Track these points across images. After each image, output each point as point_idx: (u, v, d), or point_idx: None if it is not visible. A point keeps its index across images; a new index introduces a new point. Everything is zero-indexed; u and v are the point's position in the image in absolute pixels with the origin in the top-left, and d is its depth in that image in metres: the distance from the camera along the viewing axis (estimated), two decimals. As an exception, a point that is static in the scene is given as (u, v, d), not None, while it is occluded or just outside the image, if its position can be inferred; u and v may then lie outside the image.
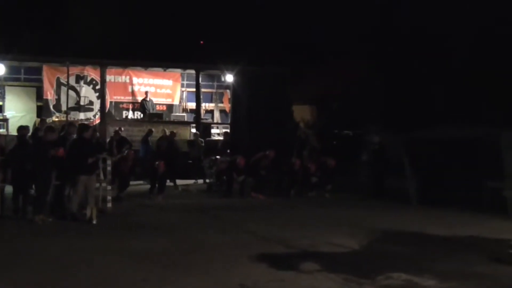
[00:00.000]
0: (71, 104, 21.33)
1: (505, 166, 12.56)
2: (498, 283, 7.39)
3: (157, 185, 14.65)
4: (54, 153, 10.81)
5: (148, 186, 15.11)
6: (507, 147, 13.02)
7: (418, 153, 14.90)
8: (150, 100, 22.08)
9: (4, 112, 21.12)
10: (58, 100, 21.68)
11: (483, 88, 19.78)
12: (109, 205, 12.47)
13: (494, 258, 8.41)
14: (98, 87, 22.10)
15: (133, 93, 22.86)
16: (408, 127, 16.76)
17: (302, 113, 22.44)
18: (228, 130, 20.59)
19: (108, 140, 17.81)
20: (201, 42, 24.93)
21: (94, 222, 10.79)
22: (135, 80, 22.94)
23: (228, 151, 17.66)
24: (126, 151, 15.25)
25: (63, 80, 21.32)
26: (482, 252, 8.76)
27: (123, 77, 22.88)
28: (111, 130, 19.00)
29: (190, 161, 18.96)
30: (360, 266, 7.94)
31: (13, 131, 16.49)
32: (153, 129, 18.88)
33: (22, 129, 12.26)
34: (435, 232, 10.57)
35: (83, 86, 22.13)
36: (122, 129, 18.67)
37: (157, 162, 14.59)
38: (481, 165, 13.19)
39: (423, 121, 17.54)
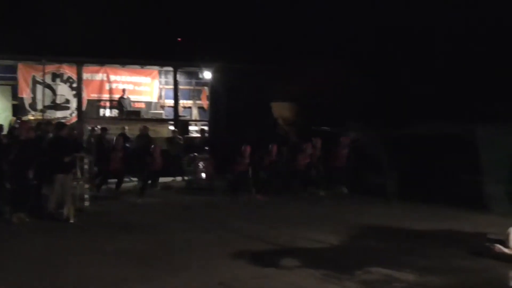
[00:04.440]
0: (47, 102, 21.19)
1: (482, 161, 12.69)
2: (476, 276, 7.48)
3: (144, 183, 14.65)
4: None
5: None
6: (482, 143, 13.19)
7: (397, 149, 14.98)
8: (128, 97, 21.95)
9: (-21, 111, 20.87)
10: (34, 98, 21.44)
11: (460, 85, 19.97)
12: (87, 203, 12.38)
13: (472, 252, 8.50)
14: (74, 85, 21.91)
15: (110, 91, 22.66)
16: (387, 124, 16.85)
17: (281, 110, 22.45)
18: (205, 127, 20.54)
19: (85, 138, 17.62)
20: (179, 39, 24.77)
21: (72, 221, 10.71)
22: (112, 77, 22.77)
23: (206, 148, 17.62)
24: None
25: (39, 78, 21.11)
26: (460, 246, 8.87)
27: (100, 74, 22.68)
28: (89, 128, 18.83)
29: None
30: (340, 261, 8.00)
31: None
32: (126, 127, 18.70)
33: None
34: (414, 226, 10.67)
35: (59, 84, 21.91)
36: (99, 127, 18.53)
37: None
38: (459, 161, 13.28)
39: (402, 118, 17.64)
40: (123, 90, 22.08)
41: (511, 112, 16.14)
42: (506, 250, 8.22)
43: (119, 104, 21.98)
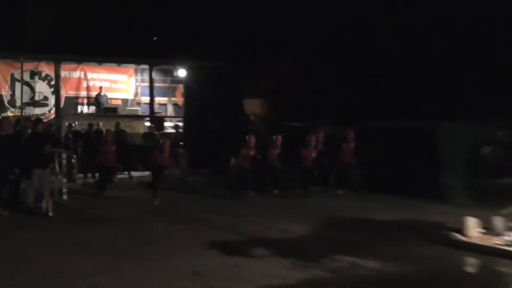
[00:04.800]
0: (26, 99, 20.95)
1: (441, 155, 12.90)
2: (434, 262, 7.66)
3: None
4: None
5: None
6: (442, 138, 13.42)
7: (365, 144, 15.14)
8: (105, 94, 21.87)
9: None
10: (12, 95, 21.22)
11: (423, 82, 20.26)
12: (65, 197, 12.33)
13: (431, 240, 8.68)
14: (52, 82, 21.71)
15: (87, 88, 22.50)
16: (355, 119, 17.00)
17: (253, 106, 22.50)
18: (180, 123, 20.55)
19: (63, 134, 17.54)
20: (155, 38, 24.70)
21: (50, 214, 10.66)
22: (89, 75, 22.58)
23: (181, 143, 17.63)
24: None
25: (17, 76, 20.86)
26: (419, 234, 9.05)
27: (78, 72, 22.49)
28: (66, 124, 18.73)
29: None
30: (308, 250, 8.11)
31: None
32: (100, 123, 18.64)
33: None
34: (379, 217, 10.84)
35: (37, 82, 21.68)
36: (76, 123, 18.45)
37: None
38: (423, 155, 13.45)
39: (369, 113, 17.81)
40: (100, 88, 22.00)
41: (469, 110, 16.51)
42: (461, 238, 8.43)
43: (96, 101, 21.88)
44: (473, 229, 8.62)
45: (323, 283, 6.65)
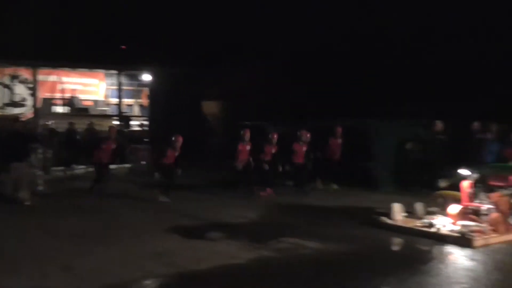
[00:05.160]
0: (6, 100, 20.61)
1: (373, 150, 13.12)
2: (365, 242, 7.81)
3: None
4: None
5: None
6: (374, 135, 13.67)
7: (312, 140, 15.25)
8: (77, 96, 21.56)
9: None
10: (-6, 97, 20.75)
11: (362, 87, 20.68)
12: (41, 188, 12.06)
13: (363, 223, 8.82)
14: (30, 85, 21.28)
15: (62, 91, 22.09)
16: (303, 118, 17.13)
17: (210, 108, 22.50)
18: (145, 122, 20.40)
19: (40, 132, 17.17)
20: (123, 47, 24.38)
21: (27, 203, 10.44)
22: (64, 79, 22.17)
23: (146, 140, 17.49)
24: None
25: (-1, 79, 20.45)
26: (354, 218, 9.17)
27: (53, 76, 22.07)
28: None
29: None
30: (257, 233, 8.13)
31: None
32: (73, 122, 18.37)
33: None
34: (320, 204, 10.96)
35: (16, 85, 21.19)
36: (51, 122, 18.11)
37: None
38: (359, 149, 13.56)
39: (315, 113, 17.99)
40: (73, 90, 21.70)
41: (397, 112, 16.89)
42: (388, 221, 8.60)
43: (70, 102, 21.54)
44: (398, 213, 8.80)
45: (269, 262, 6.70)
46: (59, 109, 21.98)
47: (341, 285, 5.88)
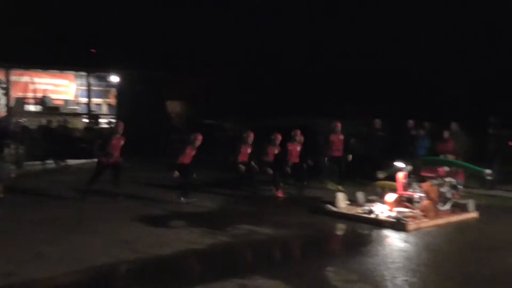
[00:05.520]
0: (-20, 100, 19.85)
1: (319, 146, 13.20)
2: (313, 227, 7.89)
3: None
4: None
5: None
6: (319, 132, 13.82)
7: (262, 136, 15.26)
8: (49, 96, 20.98)
9: None
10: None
11: (308, 90, 20.97)
12: (14, 180, 11.68)
13: (311, 211, 8.91)
14: (4, 85, 20.64)
15: (34, 91, 21.48)
16: (255, 117, 17.18)
17: (174, 107, 22.33)
18: (112, 119, 20.03)
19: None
20: (93, 50, 23.88)
21: (1, 195, 10.10)
22: (36, 79, 21.57)
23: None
24: None
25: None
26: (303, 207, 9.23)
27: (26, 77, 21.43)
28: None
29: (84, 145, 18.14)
30: (216, 221, 8.08)
31: None
32: (43, 120, 17.88)
33: None
34: (272, 193, 10.93)
35: (-10, 85, 20.54)
36: (24, 120, 17.56)
37: None
38: (306, 145, 13.61)
39: (266, 112, 18.08)
40: (45, 90, 21.13)
41: (342, 111, 17.14)
42: (333, 208, 8.72)
43: (41, 101, 20.97)
44: (342, 201, 8.93)
45: (226, 246, 6.69)
46: (31, 107, 21.37)
47: (290, 266, 5.94)
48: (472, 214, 8.72)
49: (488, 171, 9.11)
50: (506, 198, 10.94)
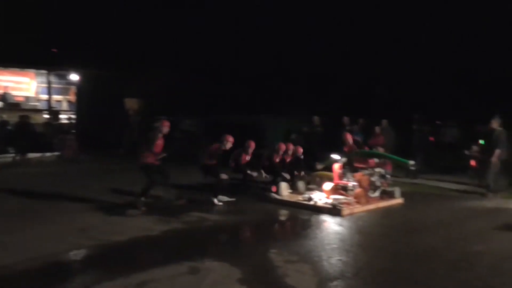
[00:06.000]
0: None
1: (264, 141, 13.21)
2: (258, 214, 7.88)
3: None
4: None
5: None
6: (266, 128, 13.86)
7: (213, 131, 15.16)
8: (10, 92, 19.95)
9: None
10: None
11: (255, 90, 21.04)
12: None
13: (258, 199, 8.86)
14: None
15: (-5, 87, 20.37)
16: (206, 113, 17.05)
17: (131, 104, 21.83)
18: (72, 116, 19.35)
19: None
20: (54, 50, 22.93)
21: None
22: (-3, 77, 20.47)
23: (73, 131, 16.61)
24: None
25: None
26: (249, 195, 9.16)
27: (-13, 74, 20.28)
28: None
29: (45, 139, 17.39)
30: (169, 210, 7.92)
31: None
32: (4, 116, 17.02)
33: None
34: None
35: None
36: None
37: None
38: (254, 140, 13.63)
39: (216, 110, 17.96)
40: (6, 87, 20.05)
41: (284, 109, 17.27)
42: (277, 197, 8.76)
43: (2, 97, 19.89)
44: (284, 190, 8.98)
45: (179, 232, 6.58)
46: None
47: (237, 249, 5.89)
48: (398, 200, 8.99)
49: (412, 162, 9.42)
50: (427, 186, 11.35)
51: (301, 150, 10.27)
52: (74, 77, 20.19)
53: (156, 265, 5.02)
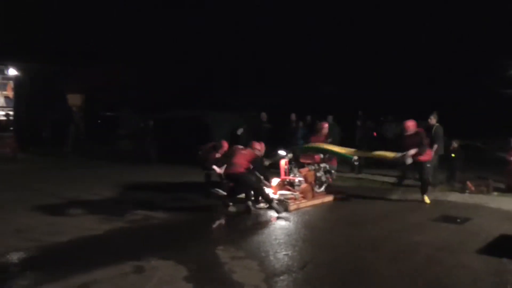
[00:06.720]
0: None
1: (211, 135, 13.17)
2: (204, 211, 7.86)
3: None
4: None
5: None
6: (213, 123, 13.86)
7: (159, 127, 14.98)
8: None
9: None
10: None
11: (201, 86, 21.01)
12: None
13: (205, 194, 8.81)
14: None
15: None
16: (153, 110, 16.81)
17: (74, 100, 21.14)
18: (11, 112, 18.47)
19: None
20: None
21: None
22: None
23: (11, 128, 15.88)
24: None
25: None
26: (196, 192, 9.12)
27: None
28: None
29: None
30: (113, 208, 7.75)
31: None
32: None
33: None
34: (168, 180, 10.77)
35: None
36: None
37: None
38: (198, 135, 13.54)
39: (163, 106, 17.74)
40: None
41: (231, 105, 17.34)
42: (223, 193, 8.73)
43: None
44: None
45: (123, 231, 6.46)
46: None
47: (182, 247, 5.84)
48: (341, 195, 9.21)
49: (355, 157, 9.67)
50: (371, 180, 11.73)
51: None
52: (11, 71, 19.26)
53: (100, 266, 4.90)
